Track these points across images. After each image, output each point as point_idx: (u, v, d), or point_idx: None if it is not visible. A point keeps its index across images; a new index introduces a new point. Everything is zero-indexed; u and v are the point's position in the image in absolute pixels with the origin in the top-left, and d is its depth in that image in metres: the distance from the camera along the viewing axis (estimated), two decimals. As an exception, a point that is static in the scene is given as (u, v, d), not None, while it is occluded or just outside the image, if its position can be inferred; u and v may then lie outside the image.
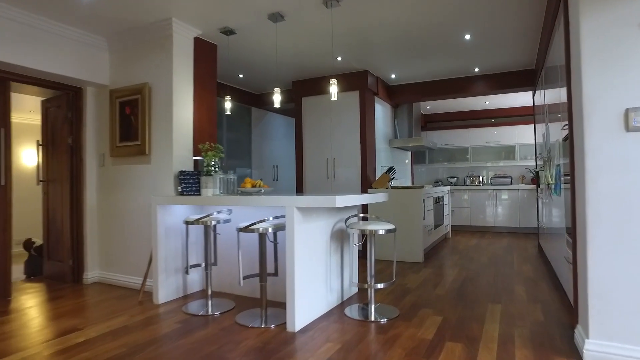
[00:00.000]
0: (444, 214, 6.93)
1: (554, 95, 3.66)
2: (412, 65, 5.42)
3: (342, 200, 2.71)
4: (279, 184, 7.19)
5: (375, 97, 5.95)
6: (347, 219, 3.47)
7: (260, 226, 2.95)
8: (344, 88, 5.67)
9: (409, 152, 7.61)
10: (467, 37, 4.33)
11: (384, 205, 5.35)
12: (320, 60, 5.11)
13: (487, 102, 7.74)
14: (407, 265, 4.94)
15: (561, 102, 3.16)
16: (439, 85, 6.05)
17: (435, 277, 4.32)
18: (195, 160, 4.09)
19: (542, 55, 4.39)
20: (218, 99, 5.85)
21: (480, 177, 8.47)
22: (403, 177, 7.27)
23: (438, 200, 6.38)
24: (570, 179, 2.54)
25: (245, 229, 2.94)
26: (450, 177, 8.74)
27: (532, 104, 7.60)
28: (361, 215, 3.48)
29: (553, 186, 3.77)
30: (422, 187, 5.49)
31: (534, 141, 7.92)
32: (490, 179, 8.34)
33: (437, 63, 5.32)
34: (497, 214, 7.94)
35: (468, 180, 8.51)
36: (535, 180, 7.85)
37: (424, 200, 5.34)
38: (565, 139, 2.96)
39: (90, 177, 4.33)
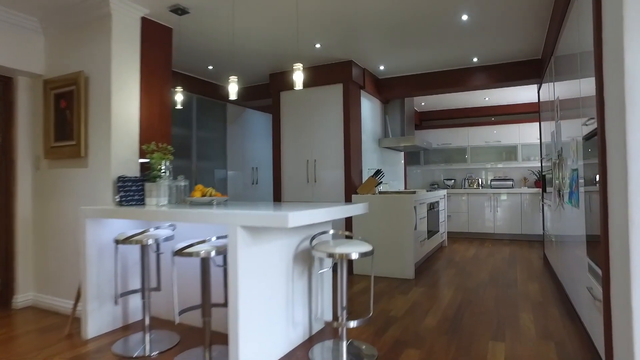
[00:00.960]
0: (440, 220, 6.30)
1: (569, 87, 3.03)
2: (403, 55, 4.79)
3: (298, 219, 2.08)
4: (259, 188, 6.56)
5: (362, 91, 5.32)
6: (315, 236, 2.83)
7: (200, 248, 2.31)
8: (325, 80, 5.03)
9: (402, 153, 6.98)
10: (464, 17, 3.70)
11: (370, 213, 4.72)
12: (298, 48, 4.48)
13: (486, 98, 7.11)
14: (395, 283, 4.31)
15: (581, 96, 2.53)
16: (434, 78, 5.42)
17: (427, 300, 3.69)
18: (143, 163, 3.45)
19: (551, 43, 3.76)
20: (187, 94, 5.22)
21: (480, 180, 7.85)
22: (395, 180, 6.64)
23: (433, 206, 5.75)
24: (601, 187, 1.91)
25: (181, 252, 2.31)
26: (447, 179, 8.11)
27: (537, 100, 6.98)
28: (331, 232, 2.86)
29: (566, 194, 3.14)
30: (414, 192, 4.86)
31: (538, 141, 7.30)
32: (490, 181, 7.72)
33: (431, 52, 4.69)
34: (497, 220, 7.32)
35: (466, 183, 7.89)
36: (540, 183, 7.22)
37: (415, 207, 4.71)
38: (587, 138, 2.33)
39: (24, 182, 3.69)
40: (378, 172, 4.90)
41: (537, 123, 7.37)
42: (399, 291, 4.00)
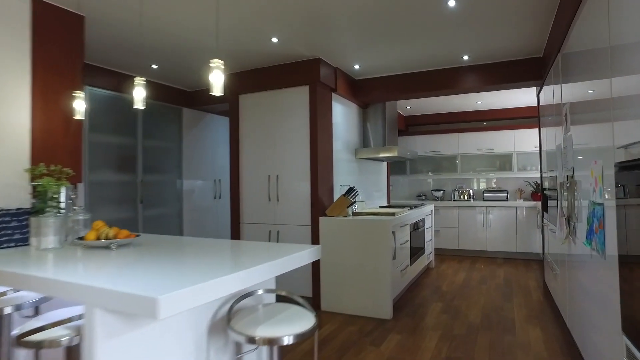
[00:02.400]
0: (426, 240, 5.56)
1: (586, 90, 2.30)
2: (381, 52, 4.05)
3: (178, 305, 1.31)
4: (223, 203, 5.79)
5: (334, 95, 4.56)
6: (238, 300, 2.04)
7: (54, 334, 1.55)
8: (289, 82, 4.28)
9: (384, 162, 6.24)
10: (451, 3, 2.96)
11: (341, 239, 3.97)
12: (256, 45, 3.72)
13: (478, 102, 6.39)
14: (368, 327, 3.56)
15: (613, 102, 1.79)
16: (418, 79, 4.68)
17: (404, 354, 2.94)
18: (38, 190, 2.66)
19: (558, 37, 3.04)
20: (128, 97, 4.43)
21: (471, 191, 7.13)
22: (377, 191, 5.89)
23: (417, 226, 5.01)
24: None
25: (22, 341, 1.53)
26: (436, 190, 7.39)
27: (535, 103, 6.26)
28: (261, 293, 2.09)
29: (582, 230, 2.41)
30: (393, 214, 4.11)
31: (537, 149, 6.59)
32: (483, 192, 7.00)
33: (415, 48, 3.95)
34: (490, 236, 6.60)
35: (456, 194, 7.16)
36: (537, 195, 6.51)
37: (394, 233, 3.96)
38: (626, 167, 1.59)
39: None
40: (351, 190, 4.15)
41: (536, 129, 6.67)
42: (370, 340, 3.25)
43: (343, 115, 4.81)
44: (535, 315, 3.77)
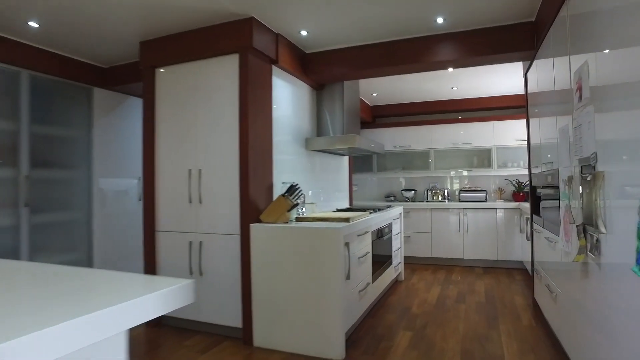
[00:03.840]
0: (393, 249, 4.66)
1: (612, 60, 1.42)
2: (335, 12, 3.12)
3: None
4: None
5: (275, 69, 3.60)
6: None
7: None
8: (213, 50, 3.30)
9: (346, 157, 5.32)
10: None
11: (279, 252, 3.02)
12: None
13: (454, 88, 5.56)
14: (310, 375, 2.62)
15: None
16: (382, 51, 3.78)
17: None
18: None
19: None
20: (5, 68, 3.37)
21: (445, 191, 6.28)
22: (338, 192, 4.96)
23: (381, 233, 4.10)
24: None
25: None
26: (406, 190, 6.52)
27: (519, 92, 5.44)
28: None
29: (635, 253, 1.51)
30: (348, 219, 3.17)
31: (520, 143, 5.81)
32: (459, 192, 6.17)
33: (376, 8, 3.04)
34: (467, 242, 5.77)
35: (429, 194, 6.31)
36: (519, 195, 5.72)
37: (348, 244, 3.03)
38: None
39: None
40: (292, 188, 3.20)
41: (518, 121, 5.88)
42: (310, 399, 2.30)
43: (290, 96, 3.86)
44: (530, 349, 2.91)
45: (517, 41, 3.38)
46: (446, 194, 6.27)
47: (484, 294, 4.40)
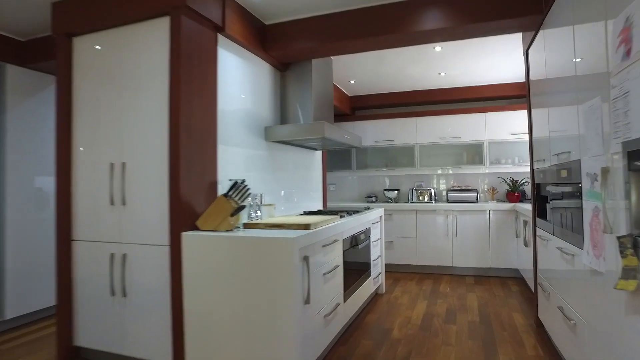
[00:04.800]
0: (372, 258, 4.00)
1: None
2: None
3: None
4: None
5: (222, 38, 2.91)
6: None
7: None
8: (141, 11, 2.59)
9: (319, 153, 4.64)
10: None
11: (218, 269, 2.32)
12: None
13: (441, 74, 4.91)
14: None
15: None
16: (355, 18, 3.12)
17: None
18: None
19: None
20: None
21: (432, 190, 5.64)
22: (309, 192, 4.29)
23: (356, 241, 3.43)
24: None
25: None
26: (389, 189, 5.86)
27: (518, 75, 4.81)
28: None
29: None
30: (308, 225, 2.49)
31: (514, 136, 5.20)
32: (447, 192, 5.54)
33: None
34: (456, 248, 5.14)
35: (414, 195, 5.66)
36: (516, 196, 5.10)
37: (306, 258, 2.34)
38: None
39: None
40: (236, 186, 2.51)
41: (510, 112, 5.27)
42: None
43: (245, 76, 3.16)
44: (539, 393, 2.26)
45: (519, 3, 2.73)
46: (433, 194, 5.63)
47: (477, 310, 3.75)
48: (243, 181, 2.56)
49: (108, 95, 2.71)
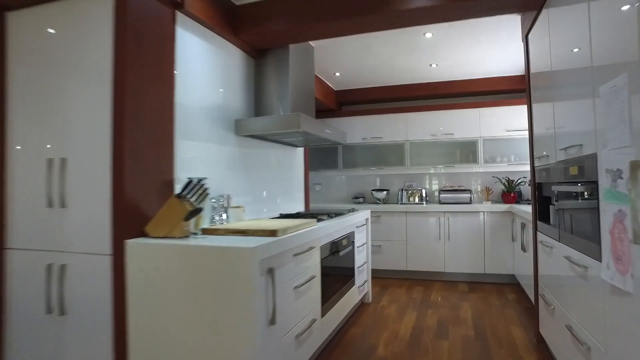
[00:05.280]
0: (357, 265, 3.65)
1: None
2: None
3: None
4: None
5: (181, 16, 2.54)
6: None
7: None
8: (77, -24, 2.23)
9: (300, 150, 4.28)
10: None
11: (168, 284, 1.96)
12: None
13: (433, 65, 4.57)
14: None
15: None
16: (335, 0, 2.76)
17: None
18: None
19: None
20: None
21: (423, 191, 5.31)
22: (289, 192, 3.93)
23: (336, 248, 3.07)
24: None
25: None
26: (377, 189, 5.51)
27: (515, 68, 4.48)
28: None
29: None
30: (274, 231, 2.12)
31: (509, 133, 4.88)
32: (439, 193, 5.20)
33: None
34: (449, 253, 4.81)
35: (404, 195, 5.32)
36: (512, 196, 4.78)
37: (272, 270, 1.98)
38: None
39: None
40: (191, 185, 2.15)
41: (506, 107, 4.95)
42: None
43: (212, 62, 2.80)
44: None
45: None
46: (424, 195, 5.29)
47: (471, 322, 3.42)
48: (200, 180, 2.19)
49: (48, 79, 2.34)
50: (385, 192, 5.45)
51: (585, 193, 1.82)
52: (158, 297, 1.96)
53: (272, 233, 2.08)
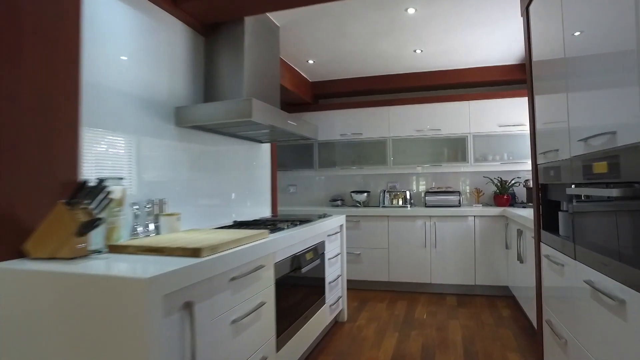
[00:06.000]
0: (328, 280, 3.12)
1: None
2: None
3: None
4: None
5: (93, -31, 1.97)
6: None
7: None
8: None
9: (266, 146, 3.73)
10: None
11: (45, 330, 1.38)
12: None
13: (417, 51, 4.06)
14: None
15: None
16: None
17: None
18: None
19: None
20: None
21: (408, 193, 4.79)
22: (252, 196, 3.39)
23: (301, 263, 2.53)
24: None
25: None
26: (357, 191, 4.98)
27: (510, 56, 3.99)
28: None
29: None
30: (197, 250, 1.56)
31: (502, 129, 4.40)
32: (424, 194, 4.70)
33: None
34: (436, 262, 4.30)
35: (386, 197, 4.81)
36: (505, 199, 4.30)
37: (191, 305, 1.43)
38: None
39: None
40: (84, 188, 1.58)
41: (498, 100, 4.47)
42: None
43: (142, 35, 2.24)
44: None
45: None
46: (408, 197, 4.78)
47: (461, 347, 2.90)
48: (102, 181, 1.63)
49: None
50: (365, 194, 4.93)
51: (623, 198, 1.30)
52: (31, 344, 1.40)
53: (195, 253, 1.54)
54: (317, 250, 2.86)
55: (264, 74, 2.95)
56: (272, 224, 2.59)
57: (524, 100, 4.37)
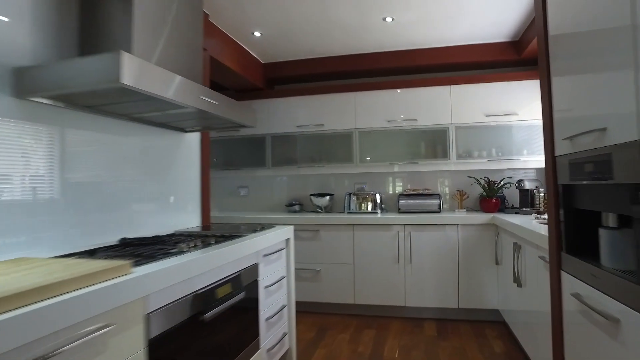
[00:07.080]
0: (264, 316, 2.28)
1: None
2: None
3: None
4: None
5: None
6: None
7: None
8: None
9: (194, 135, 2.86)
10: None
11: None
12: None
13: (388, 19, 3.27)
14: None
15: None
16: None
17: None
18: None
19: None
20: None
21: (377, 196, 4.00)
22: (178, 200, 2.52)
23: (204, 306, 1.68)
24: None
25: None
26: (317, 194, 4.16)
27: (500, 33, 3.23)
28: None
29: None
30: None
31: (490, 118, 3.67)
32: (398, 198, 3.92)
33: None
34: (411, 280, 3.53)
35: (353, 202, 4.01)
36: (493, 202, 3.55)
37: None
38: None
39: None
40: None
41: (486, 85, 3.73)
42: None
43: None
44: None
45: None
46: (379, 201, 3.99)
47: (444, 409, 2.11)
48: None
49: None
50: (328, 197, 4.12)
51: None
52: None
53: None
54: (241, 280, 2.02)
55: (173, 33, 2.10)
56: (170, 245, 1.74)
57: (517, 85, 3.65)
